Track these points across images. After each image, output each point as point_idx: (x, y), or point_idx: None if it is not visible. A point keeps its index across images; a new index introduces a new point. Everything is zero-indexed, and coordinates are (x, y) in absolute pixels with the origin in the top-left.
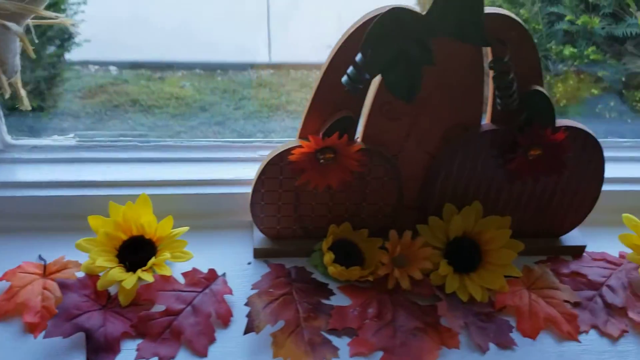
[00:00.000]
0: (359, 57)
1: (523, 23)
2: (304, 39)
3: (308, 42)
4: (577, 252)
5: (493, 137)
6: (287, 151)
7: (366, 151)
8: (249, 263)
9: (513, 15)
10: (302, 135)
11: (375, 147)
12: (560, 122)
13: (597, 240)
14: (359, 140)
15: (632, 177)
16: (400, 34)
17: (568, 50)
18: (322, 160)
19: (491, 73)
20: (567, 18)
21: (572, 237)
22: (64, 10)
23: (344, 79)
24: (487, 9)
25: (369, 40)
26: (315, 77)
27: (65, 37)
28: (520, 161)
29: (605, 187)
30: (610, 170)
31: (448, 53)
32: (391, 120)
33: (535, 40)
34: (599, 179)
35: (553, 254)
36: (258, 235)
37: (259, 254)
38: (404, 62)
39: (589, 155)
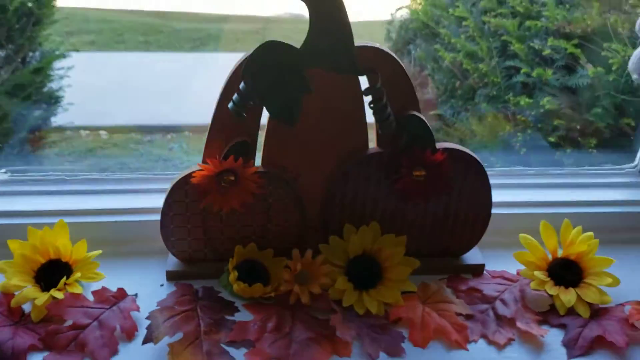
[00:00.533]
0: (242, 85)
1: (393, 54)
2: None
3: None
4: (477, 270)
5: (379, 160)
6: (190, 175)
7: (264, 174)
8: (162, 285)
9: (384, 48)
10: (204, 161)
11: (274, 171)
12: (441, 144)
13: (500, 261)
14: (260, 164)
15: (536, 201)
16: (276, 64)
17: (523, 101)
18: (223, 183)
19: (367, 99)
20: (523, 71)
21: (472, 256)
22: (50, 76)
23: (230, 105)
24: (358, 42)
25: (248, 70)
26: None
27: (51, 102)
28: (406, 181)
29: (509, 210)
30: (517, 195)
31: (328, 82)
32: (286, 145)
33: (494, 92)
34: (487, 198)
35: (454, 273)
36: (172, 259)
37: (171, 276)
38: (282, 90)
39: (473, 176)
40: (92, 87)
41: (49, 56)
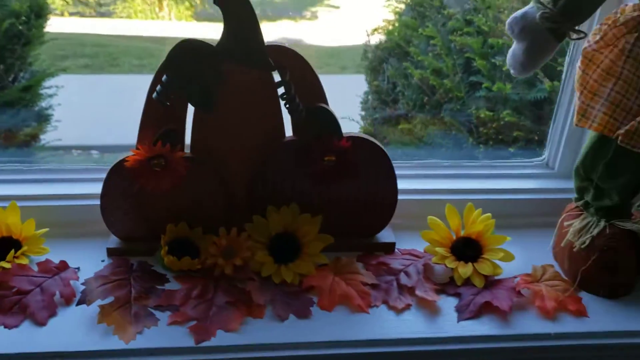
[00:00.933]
0: (164, 77)
1: (299, 53)
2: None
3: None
4: (389, 248)
5: (294, 146)
6: (125, 159)
7: (191, 159)
8: (103, 261)
9: (292, 47)
10: (137, 146)
11: (201, 156)
12: (348, 133)
13: (413, 241)
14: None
15: (450, 188)
16: (194, 59)
17: (483, 114)
18: (154, 167)
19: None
20: (484, 85)
21: (385, 236)
22: (41, 95)
23: (154, 95)
24: (270, 42)
25: (169, 64)
26: None
27: (41, 119)
28: (317, 166)
29: (425, 197)
30: (433, 184)
31: (247, 78)
32: (212, 133)
33: (458, 107)
34: (392, 182)
35: (368, 250)
36: (113, 238)
37: (111, 253)
38: (200, 82)
39: (378, 162)
40: (84, 108)
41: (38, 75)
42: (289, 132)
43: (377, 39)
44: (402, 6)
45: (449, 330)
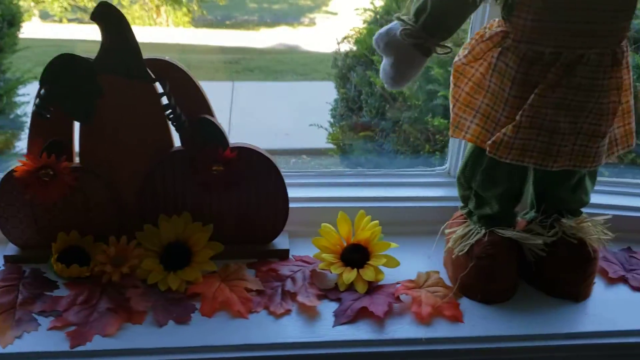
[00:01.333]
0: (42, 91)
1: (181, 65)
2: (264, 127)
3: (268, 130)
4: (283, 254)
5: (181, 156)
6: (14, 170)
7: (77, 169)
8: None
9: (173, 60)
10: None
11: (88, 166)
12: (234, 143)
13: (311, 249)
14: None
15: (351, 196)
16: (70, 73)
17: (437, 121)
18: (43, 177)
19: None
20: (440, 93)
21: (280, 243)
22: (16, 104)
23: (34, 107)
24: (151, 55)
25: (45, 78)
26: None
27: (16, 127)
28: (204, 175)
29: (326, 204)
30: (335, 192)
31: (131, 90)
32: (100, 144)
33: (416, 115)
34: (282, 191)
35: (263, 257)
36: (11, 246)
37: (9, 260)
38: (77, 94)
39: (266, 172)
40: None
41: (11, 83)
42: (178, 142)
43: (348, 47)
44: (372, 14)
45: (324, 334)
